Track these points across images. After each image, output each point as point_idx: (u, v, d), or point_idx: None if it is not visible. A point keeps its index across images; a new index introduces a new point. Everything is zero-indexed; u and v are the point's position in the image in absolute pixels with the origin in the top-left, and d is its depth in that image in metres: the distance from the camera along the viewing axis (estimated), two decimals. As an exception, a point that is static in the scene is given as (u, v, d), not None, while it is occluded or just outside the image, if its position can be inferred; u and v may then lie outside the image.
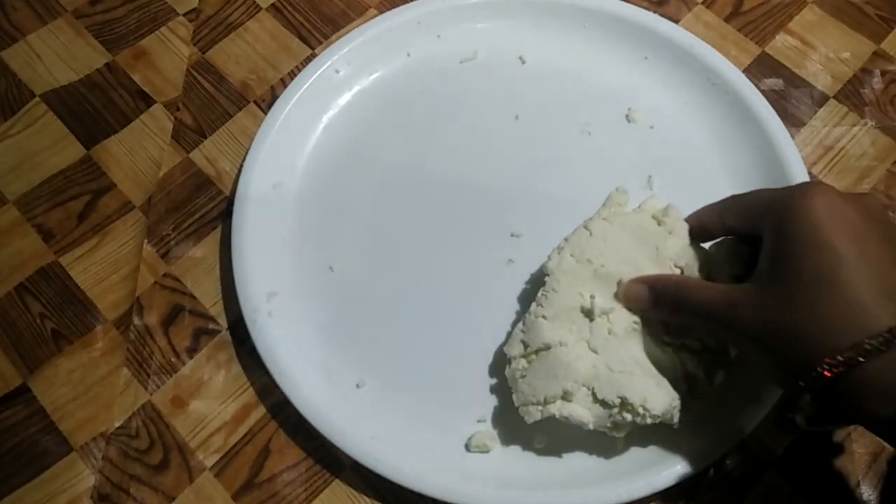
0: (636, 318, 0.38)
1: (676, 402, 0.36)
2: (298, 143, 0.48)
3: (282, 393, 0.40)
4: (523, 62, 0.51)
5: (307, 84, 0.48)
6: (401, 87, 0.50)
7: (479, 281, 0.44)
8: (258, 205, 0.45)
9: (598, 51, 0.50)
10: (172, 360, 0.43)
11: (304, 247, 0.45)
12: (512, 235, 0.45)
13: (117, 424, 0.42)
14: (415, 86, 0.50)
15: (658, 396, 0.35)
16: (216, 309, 0.45)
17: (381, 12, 0.52)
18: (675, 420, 0.36)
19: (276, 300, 0.43)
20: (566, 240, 0.40)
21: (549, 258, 0.39)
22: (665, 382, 0.36)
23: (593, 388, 0.36)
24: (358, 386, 0.42)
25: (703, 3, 0.54)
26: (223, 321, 0.44)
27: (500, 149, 0.48)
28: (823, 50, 0.52)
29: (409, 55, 0.51)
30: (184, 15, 0.55)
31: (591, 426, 0.36)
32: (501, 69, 0.51)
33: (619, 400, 0.35)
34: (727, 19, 0.53)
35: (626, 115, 0.48)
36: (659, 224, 0.39)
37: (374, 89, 0.50)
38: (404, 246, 0.45)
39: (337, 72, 0.49)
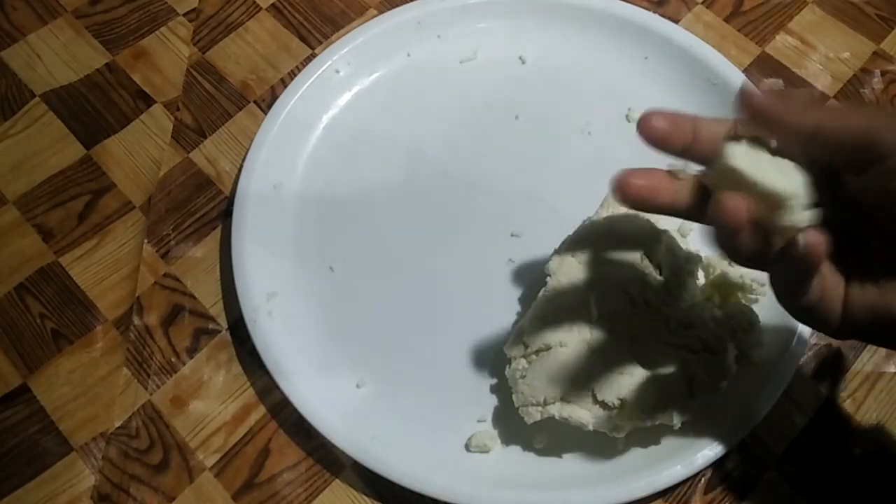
0: (637, 320, 0.38)
1: (677, 404, 0.36)
2: (298, 143, 0.48)
3: (282, 393, 0.40)
4: (523, 62, 0.51)
5: (307, 84, 0.48)
6: (401, 87, 0.50)
7: (479, 281, 0.44)
8: (258, 205, 0.45)
9: (598, 51, 0.50)
10: (172, 360, 0.43)
11: (304, 247, 0.45)
12: (512, 235, 0.45)
13: (117, 424, 0.42)
14: (415, 86, 0.50)
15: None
16: (216, 309, 0.45)
17: (381, 12, 0.52)
18: (675, 421, 0.36)
19: (276, 300, 0.43)
20: (567, 240, 0.40)
21: (551, 258, 0.39)
22: (665, 384, 0.36)
23: (593, 389, 0.36)
24: (358, 386, 0.42)
25: (703, 3, 0.54)
26: (223, 321, 0.44)
27: (500, 149, 0.48)
28: (823, 50, 0.52)
29: (409, 55, 0.51)
30: (184, 15, 0.55)
31: (590, 427, 0.36)
32: (501, 69, 0.51)
33: (618, 401, 0.35)
34: (727, 19, 0.53)
35: (626, 115, 0.48)
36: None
37: (374, 89, 0.50)
38: (404, 246, 0.45)
39: (337, 72, 0.49)
